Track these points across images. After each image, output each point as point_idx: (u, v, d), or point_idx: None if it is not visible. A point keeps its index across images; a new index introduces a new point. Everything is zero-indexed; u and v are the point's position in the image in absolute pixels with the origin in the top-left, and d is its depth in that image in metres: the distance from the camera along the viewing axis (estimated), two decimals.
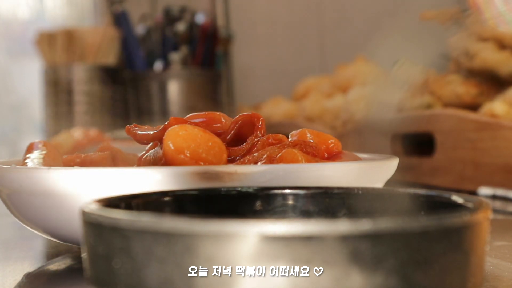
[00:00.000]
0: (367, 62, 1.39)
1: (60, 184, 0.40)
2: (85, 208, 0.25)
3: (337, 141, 0.48)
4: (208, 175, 0.38)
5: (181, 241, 0.22)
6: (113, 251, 0.24)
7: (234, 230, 0.22)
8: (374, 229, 0.22)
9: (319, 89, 1.46)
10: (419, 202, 0.30)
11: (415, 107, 1.07)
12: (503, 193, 0.76)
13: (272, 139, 0.45)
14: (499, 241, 0.48)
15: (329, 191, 0.33)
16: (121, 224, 0.23)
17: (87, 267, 0.26)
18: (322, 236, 0.22)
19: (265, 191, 0.33)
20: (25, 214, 0.43)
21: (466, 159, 0.84)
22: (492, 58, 1.00)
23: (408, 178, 0.95)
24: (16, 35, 1.86)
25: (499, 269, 0.39)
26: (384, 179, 0.46)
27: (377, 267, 0.22)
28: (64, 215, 0.41)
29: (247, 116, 0.47)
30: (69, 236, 0.42)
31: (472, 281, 0.24)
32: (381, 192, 0.32)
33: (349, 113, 1.21)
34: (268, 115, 1.50)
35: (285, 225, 0.22)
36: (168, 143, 0.41)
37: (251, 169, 0.39)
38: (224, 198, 0.32)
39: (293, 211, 0.33)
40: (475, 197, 0.27)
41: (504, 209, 0.69)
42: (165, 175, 0.38)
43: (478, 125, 0.82)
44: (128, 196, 0.30)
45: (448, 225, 0.23)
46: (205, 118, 0.48)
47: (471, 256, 0.24)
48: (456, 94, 1.05)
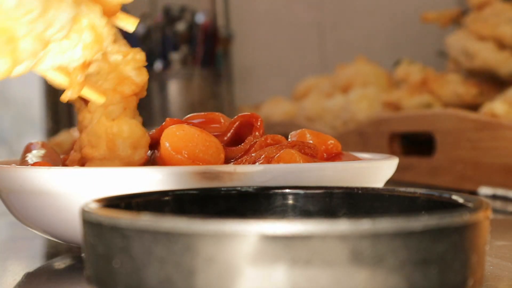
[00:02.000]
0: (367, 62, 1.39)
1: (60, 184, 0.40)
2: (85, 207, 0.25)
3: (337, 141, 0.48)
4: (208, 175, 0.38)
5: (181, 241, 0.22)
6: (113, 251, 0.24)
7: (234, 230, 0.22)
8: (374, 229, 0.22)
9: (319, 89, 1.46)
10: (419, 202, 0.30)
11: (415, 107, 1.07)
12: (503, 193, 0.76)
13: (271, 139, 0.44)
14: (499, 241, 0.48)
15: (329, 191, 0.33)
16: (121, 223, 0.23)
17: (87, 266, 0.26)
18: (322, 236, 0.22)
19: (265, 190, 0.33)
20: (25, 214, 0.43)
21: (466, 159, 0.84)
22: (492, 58, 1.00)
23: (408, 178, 0.95)
24: None
25: (499, 269, 0.39)
26: (384, 179, 0.46)
27: (377, 266, 0.22)
28: (64, 215, 0.41)
29: (245, 117, 0.47)
30: (69, 236, 0.42)
31: (472, 281, 0.24)
32: (381, 192, 0.32)
33: (350, 113, 1.21)
34: (268, 115, 1.50)
35: (285, 225, 0.22)
36: (165, 143, 0.41)
37: (250, 168, 0.39)
38: (224, 198, 0.32)
39: (293, 211, 0.33)
40: (475, 197, 0.27)
41: (504, 209, 0.69)
42: (165, 175, 0.38)
43: (478, 125, 0.82)
44: (128, 196, 0.30)
45: (448, 224, 0.23)
46: (204, 119, 0.48)
47: (471, 255, 0.24)
48: (456, 94, 1.05)
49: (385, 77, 1.35)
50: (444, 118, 0.89)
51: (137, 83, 0.44)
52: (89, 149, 0.43)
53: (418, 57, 1.45)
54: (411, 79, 1.12)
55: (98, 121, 0.43)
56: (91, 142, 0.43)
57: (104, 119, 0.43)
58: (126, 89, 0.43)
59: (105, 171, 0.39)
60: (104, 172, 0.39)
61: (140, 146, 0.43)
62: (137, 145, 0.43)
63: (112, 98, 0.43)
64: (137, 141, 0.43)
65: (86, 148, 0.43)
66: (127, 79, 0.43)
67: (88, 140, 0.43)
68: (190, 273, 0.22)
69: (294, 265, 0.22)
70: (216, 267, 0.22)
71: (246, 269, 0.22)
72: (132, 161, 0.43)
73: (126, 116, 0.43)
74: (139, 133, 0.43)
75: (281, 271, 0.22)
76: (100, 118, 0.43)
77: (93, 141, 0.43)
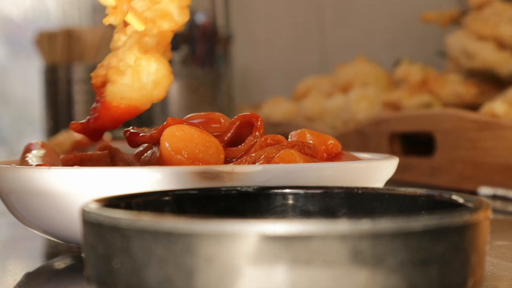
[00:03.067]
0: (367, 62, 1.39)
1: (60, 184, 0.40)
2: (85, 207, 0.25)
3: (337, 141, 0.48)
4: (207, 175, 0.38)
5: (181, 241, 0.22)
6: (113, 251, 0.24)
7: (234, 230, 0.22)
8: (374, 229, 0.22)
9: (319, 89, 1.46)
10: (419, 202, 0.30)
11: (415, 107, 1.07)
12: (503, 193, 0.76)
13: (271, 139, 0.44)
14: (499, 241, 0.48)
15: (329, 191, 0.33)
16: (121, 223, 0.23)
17: (87, 266, 0.26)
18: (322, 236, 0.22)
19: (265, 190, 0.33)
20: (25, 214, 0.43)
21: (466, 159, 0.84)
22: (492, 58, 1.00)
23: (408, 178, 0.95)
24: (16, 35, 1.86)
25: (499, 269, 0.39)
26: (384, 179, 0.46)
27: (377, 267, 0.22)
28: (64, 215, 0.41)
29: (246, 117, 0.46)
30: (69, 236, 0.42)
31: (472, 281, 0.24)
32: (381, 192, 0.32)
33: (350, 113, 1.21)
34: (268, 115, 1.50)
35: (285, 225, 0.22)
36: (165, 143, 0.41)
37: (249, 168, 0.39)
38: (224, 198, 0.32)
39: (293, 211, 0.33)
40: (475, 197, 0.27)
41: (504, 209, 0.69)
42: (165, 175, 0.38)
43: (478, 125, 0.82)
44: (128, 196, 0.30)
45: (448, 224, 0.23)
46: (204, 119, 0.48)
47: (471, 255, 0.24)
48: (456, 94, 1.05)
49: (385, 77, 1.35)
50: (444, 118, 0.89)
51: (177, 21, 0.45)
52: (115, 72, 0.44)
53: (418, 57, 1.45)
54: (411, 79, 1.12)
55: (130, 49, 0.44)
56: (119, 67, 0.44)
57: (137, 48, 0.43)
58: (165, 25, 0.44)
59: (105, 171, 0.39)
60: (104, 172, 0.39)
61: (162, 85, 0.44)
62: (160, 84, 0.44)
63: (150, 30, 0.44)
64: (160, 80, 0.44)
65: (113, 70, 0.44)
66: (169, 15, 0.44)
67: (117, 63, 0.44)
68: (190, 273, 0.22)
69: (294, 265, 0.22)
70: (216, 267, 0.22)
71: (246, 269, 0.22)
72: (151, 97, 0.44)
73: (157, 52, 0.44)
74: (164, 73, 0.44)
75: (281, 271, 0.22)
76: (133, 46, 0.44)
77: (121, 66, 0.43)
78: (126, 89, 0.44)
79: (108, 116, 0.45)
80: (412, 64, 1.15)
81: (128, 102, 0.44)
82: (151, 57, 0.44)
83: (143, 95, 0.44)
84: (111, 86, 0.44)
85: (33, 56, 1.66)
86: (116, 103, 0.44)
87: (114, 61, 0.44)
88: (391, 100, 1.12)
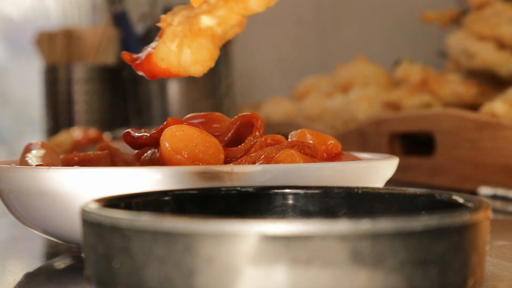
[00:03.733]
0: (367, 62, 1.39)
1: (60, 184, 0.40)
2: (85, 207, 0.25)
3: (337, 141, 0.48)
4: (207, 175, 0.38)
5: (181, 241, 0.22)
6: (113, 251, 0.24)
7: (234, 230, 0.22)
8: (374, 229, 0.22)
9: (319, 89, 1.46)
10: (419, 202, 0.30)
11: (415, 107, 1.07)
12: (503, 193, 0.76)
13: (270, 139, 0.44)
14: (499, 241, 0.48)
15: (329, 191, 0.33)
16: (121, 223, 0.23)
17: (87, 266, 0.26)
18: (322, 236, 0.22)
19: (265, 190, 0.33)
20: (25, 214, 0.43)
21: (466, 159, 0.84)
22: (492, 58, 1.00)
23: (408, 178, 0.95)
24: (16, 35, 1.86)
25: (499, 269, 0.39)
26: (384, 179, 0.46)
27: (377, 267, 0.22)
28: (64, 215, 0.41)
29: (246, 117, 0.46)
30: (69, 236, 0.42)
31: (472, 281, 0.24)
32: (381, 192, 0.32)
33: (350, 113, 1.21)
34: (268, 115, 1.50)
35: (285, 225, 0.22)
36: (165, 143, 0.41)
37: (248, 168, 0.39)
38: (224, 198, 0.32)
39: (293, 211, 0.33)
40: (475, 197, 0.27)
41: (504, 209, 0.69)
42: (165, 175, 0.38)
43: (478, 125, 0.82)
44: (128, 196, 0.30)
45: (448, 224, 0.23)
46: (204, 119, 0.48)
47: (471, 255, 0.24)
48: (456, 94, 1.05)
49: (385, 77, 1.35)
50: (444, 118, 0.89)
51: (250, 8, 0.44)
52: (170, 34, 0.44)
53: (418, 57, 1.45)
54: (411, 79, 1.12)
55: (196, 16, 0.44)
56: (177, 29, 0.44)
57: (201, 18, 0.44)
58: (236, 7, 0.44)
59: (105, 171, 0.39)
60: (104, 172, 0.39)
61: (200, 66, 0.44)
62: (198, 64, 0.44)
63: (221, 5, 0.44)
64: (200, 62, 0.44)
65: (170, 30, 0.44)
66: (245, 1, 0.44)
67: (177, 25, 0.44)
68: (190, 273, 0.22)
69: (294, 265, 0.22)
70: (216, 267, 0.22)
71: (246, 269, 0.22)
72: (187, 71, 0.44)
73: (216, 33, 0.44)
74: (206, 58, 0.44)
75: (281, 271, 0.22)
76: (198, 15, 0.44)
77: (177, 30, 0.44)
78: (170, 54, 0.44)
79: (147, 67, 0.45)
80: (412, 64, 1.15)
81: (166, 65, 0.44)
82: (204, 40, 0.44)
83: (181, 66, 0.44)
84: (160, 43, 0.44)
85: (33, 56, 1.65)
86: (156, 61, 0.44)
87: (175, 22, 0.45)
88: (391, 100, 1.12)
